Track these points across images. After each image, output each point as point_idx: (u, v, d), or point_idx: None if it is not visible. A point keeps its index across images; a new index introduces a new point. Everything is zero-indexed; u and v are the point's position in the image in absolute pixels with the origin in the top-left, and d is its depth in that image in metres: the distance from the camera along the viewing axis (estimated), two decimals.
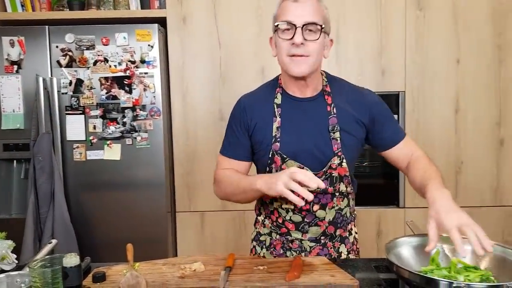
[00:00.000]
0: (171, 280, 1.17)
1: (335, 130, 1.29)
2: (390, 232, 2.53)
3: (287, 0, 1.24)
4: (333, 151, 1.30)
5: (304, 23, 1.20)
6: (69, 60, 2.39)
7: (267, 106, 1.34)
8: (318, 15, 1.22)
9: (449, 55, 2.49)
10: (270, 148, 1.31)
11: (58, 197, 2.36)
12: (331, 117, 1.30)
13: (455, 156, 2.53)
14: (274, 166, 1.31)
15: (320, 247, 1.39)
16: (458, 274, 1.14)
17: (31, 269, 1.04)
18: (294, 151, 1.30)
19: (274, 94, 1.35)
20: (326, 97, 1.32)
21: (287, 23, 1.22)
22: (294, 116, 1.31)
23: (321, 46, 1.24)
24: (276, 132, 1.30)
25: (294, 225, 1.36)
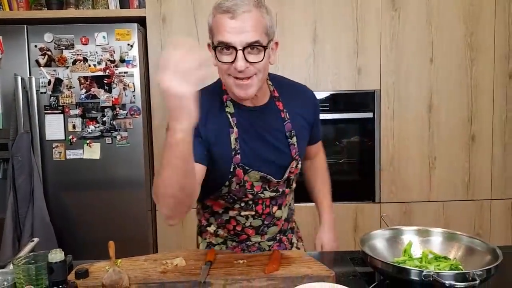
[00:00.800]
0: (153, 275, 1.19)
1: (291, 135, 1.28)
2: (366, 226, 2.60)
3: (222, 14, 1.07)
4: (291, 156, 1.29)
5: (245, 46, 1.07)
6: (48, 60, 2.37)
7: (220, 115, 1.22)
8: (259, 30, 1.08)
9: (423, 54, 2.58)
10: (230, 161, 1.22)
11: (37, 197, 2.35)
12: (286, 123, 1.28)
13: (428, 151, 2.62)
14: (235, 180, 1.24)
15: (278, 244, 1.41)
16: (429, 264, 1.19)
17: (15, 266, 1.05)
18: (255, 161, 1.24)
19: (223, 102, 1.23)
20: (276, 103, 1.28)
21: (226, 45, 1.07)
22: (251, 126, 1.24)
23: (266, 62, 1.13)
24: (235, 144, 1.21)
25: (254, 230, 1.34)
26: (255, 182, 1.27)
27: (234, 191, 1.27)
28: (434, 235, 1.32)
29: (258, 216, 1.32)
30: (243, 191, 1.27)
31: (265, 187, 1.29)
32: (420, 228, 1.34)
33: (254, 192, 1.28)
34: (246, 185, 1.26)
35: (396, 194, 2.63)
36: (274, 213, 1.35)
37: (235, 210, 1.31)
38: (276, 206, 1.35)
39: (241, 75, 1.10)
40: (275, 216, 1.36)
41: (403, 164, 2.62)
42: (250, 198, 1.29)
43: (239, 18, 1.06)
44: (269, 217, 1.34)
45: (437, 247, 1.30)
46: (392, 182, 2.62)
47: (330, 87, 2.57)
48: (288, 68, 2.55)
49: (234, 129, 1.22)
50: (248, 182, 1.26)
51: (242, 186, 1.26)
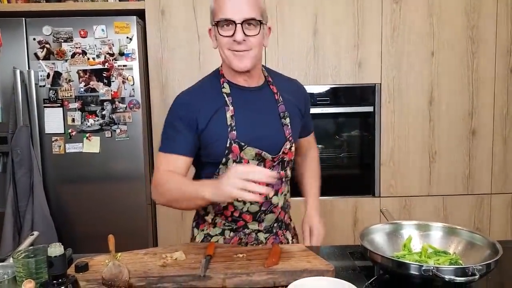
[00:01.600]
0: (153, 269, 1.19)
1: (285, 116, 1.36)
2: (366, 220, 2.61)
3: None
4: (285, 136, 1.36)
5: (243, 20, 1.21)
6: (47, 53, 2.36)
7: (215, 96, 1.31)
8: (255, 9, 1.23)
9: (424, 48, 2.56)
10: (226, 137, 1.27)
11: (37, 190, 2.35)
12: (280, 105, 1.36)
13: (429, 146, 2.62)
14: (231, 156, 1.28)
15: (274, 237, 1.43)
16: (428, 259, 1.19)
17: (15, 260, 1.06)
18: (250, 138, 1.29)
19: (220, 84, 1.33)
20: (271, 86, 1.38)
21: (226, 20, 1.22)
22: (246, 104, 1.32)
23: (261, 38, 1.26)
24: (231, 120, 1.28)
25: (252, 216, 1.37)
26: (251, 160, 1.31)
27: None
28: (434, 230, 1.32)
29: (255, 202, 1.32)
30: None
31: (260, 166, 1.32)
32: (420, 223, 1.34)
33: None
34: (242, 162, 1.30)
35: (396, 188, 2.63)
36: (270, 198, 1.36)
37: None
38: (272, 191, 1.34)
39: (239, 47, 1.23)
40: (272, 202, 1.38)
41: (403, 158, 2.61)
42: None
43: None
44: (266, 202, 1.36)
45: (437, 241, 1.30)
46: (392, 176, 2.62)
47: (330, 80, 2.56)
48: (288, 61, 2.54)
49: (230, 107, 1.30)
50: (244, 159, 1.30)
51: (239, 162, 1.29)
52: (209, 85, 1.34)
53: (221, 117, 1.29)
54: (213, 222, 1.41)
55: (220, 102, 1.30)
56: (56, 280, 0.93)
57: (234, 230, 1.39)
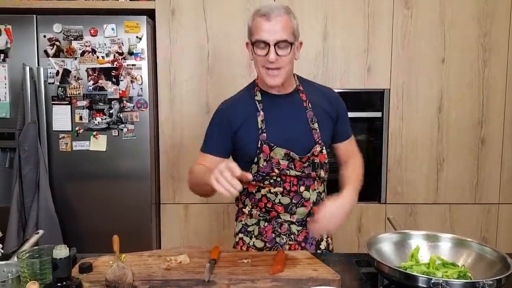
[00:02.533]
0: (157, 272, 1.19)
1: (313, 121, 1.45)
2: (371, 227, 2.59)
3: (260, 17, 1.35)
4: (314, 140, 1.44)
5: (276, 42, 1.33)
6: (57, 50, 2.36)
7: (249, 104, 1.46)
8: (288, 31, 1.35)
9: (435, 54, 2.54)
10: (257, 139, 1.41)
11: (43, 187, 2.35)
12: (308, 111, 1.46)
13: (437, 153, 2.59)
14: (262, 156, 1.41)
15: (307, 231, 1.47)
16: (436, 270, 1.18)
17: (20, 260, 1.05)
18: (280, 139, 1.42)
19: (254, 93, 1.48)
20: (300, 94, 1.48)
21: (261, 41, 1.34)
22: (275, 110, 1.45)
23: (292, 56, 1.38)
24: (262, 124, 1.42)
25: (283, 207, 1.45)
26: (281, 160, 1.42)
27: (262, 168, 1.42)
28: (442, 241, 1.31)
29: (286, 194, 1.44)
30: (270, 166, 1.42)
31: (291, 166, 1.43)
32: (428, 233, 1.33)
33: (279, 168, 1.43)
34: (273, 160, 1.42)
35: (402, 195, 2.61)
36: (301, 192, 1.45)
37: (266, 187, 1.45)
38: (303, 186, 1.45)
39: (272, 65, 1.36)
40: (302, 196, 1.45)
41: (410, 165, 2.59)
42: (277, 173, 1.42)
43: (273, 20, 1.33)
44: (297, 195, 1.45)
45: (445, 253, 1.28)
46: (399, 182, 2.60)
47: (339, 85, 2.54)
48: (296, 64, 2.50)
49: (261, 112, 1.44)
50: (274, 158, 1.42)
51: (269, 161, 1.42)
52: (244, 95, 1.51)
53: (253, 122, 1.43)
54: (249, 213, 1.51)
55: (253, 109, 1.45)
56: (61, 283, 0.92)
57: (268, 221, 1.48)
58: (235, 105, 1.49)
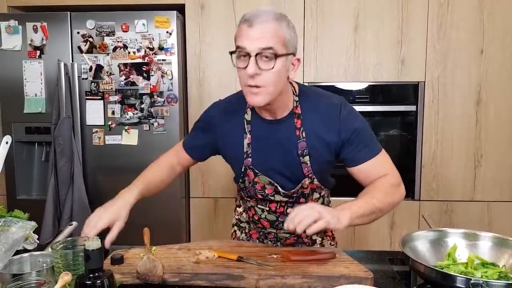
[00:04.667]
0: (187, 265, 1.19)
1: (304, 154, 1.27)
2: (404, 224, 2.52)
3: (243, 23, 1.14)
4: (304, 173, 1.30)
5: (258, 51, 1.11)
6: (90, 46, 2.41)
7: (237, 120, 1.33)
8: (274, 40, 1.12)
9: (473, 45, 2.42)
10: (242, 163, 1.33)
11: (77, 180, 2.41)
12: (300, 142, 1.27)
13: (474, 149, 2.48)
14: (247, 179, 1.35)
15: (295, 238, 1.43)
16: (475, 270, 1.13)
17: (54, 250, 1.07)
18: (265, 169, 1.31)
19: (245, 109, 1.33)
20: (295, 120, 1.27)
21: (242, 51, 1.14)
22: (263, 136, 1.30)
23: (279, 73, 1.15)
24: (247, 148, 1.31)
25: (269, 223, 1.40)
26: (266, 185, 1.33)
27: (248, 188, 1.37)
28: (482, 240, 1.25)
29: (272, 212, 1.38)
30: (254, 191, 1.36)
31: (277, 191, 1.33)
32: (467, 231, 1.27)
33: (264, 194, 1.35)
34: (257, 186, 1.34)
35: (437, 192, 2.52)
36: (288, 213, 1.29)
37: (254, 202, 1.41)
38: (291, 208, 1.34)
39: (251, 81, 1.15)
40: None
41: (446, 161, 2.50)
42: (260, 198, 1.36)
43: (256, 27, 1.11)
44: (283, 215, 1.36)
45: (485, 252, 1.22)
46: (434, 179, 2.51)
47: (371, 78, 2.47)
48: (326, 56, 2.48)
49: (248, 135, 1.31)
50: (259, 183, 1.33)
51: (252, 186, 1.34)
52: (236, 106, 1.35)
53: (239, 142, 1.32)
54: (241, 214, 1.53)
55: (241, 127, 1.32)
56: (93, 274, 0.93)
57: (256, 227, 1.46)
58: (225, 117, 1.36)
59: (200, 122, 1.45)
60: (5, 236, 1.16)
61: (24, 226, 1.24)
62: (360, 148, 1.27)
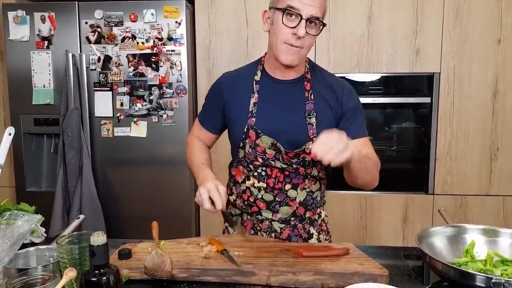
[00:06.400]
0: (196, 260, 1.17)
1: (311, 115, 1.30)
2: (417, 219, 2.47)
3: None
4: (308, 136, 1.30)
5: (310, 17, 1.20)
6: (98, 37, 2.38)
7: (247, 82, 1.35)
8: (322, 10, 1.23)
9: (490, 35, 2.35)
10: (245, 122, 1.32)
11: (86, 172, 2.40)
12: (308, 103, 1.31)
13: (491, 141, 2.41)
14: (248, 141, 1.33)
15: (290, 229, 1.39)
16: (494, 268, 1.09)
17: (59, 245, 1.05)
18: (269, 129, 1.30)
19: (255, 71, 1.36)
20: (305, 83, 1.33)
21: (294, 11, 1.20)
22: (272, 96, 1.32)
23: (314, 39, 1.27)
24: (253, 107, 1.32)
25: (266, 204, 1.36)
26: (267, 149, 1.31)
27: (248, 155, 1.34)
28: (502, 236, 1.21)
29: (270, 191, 1.34)
30: (254, 154, 1.33)
31: (278, 157, 1.31)
32: (486, 227, 1.22)
33: (265, 157, 1.32)
34: (258, 148, 1.31)
35: (451, 186, 2.46)
36: (286, 190, 1.34)
37: (250, 181, 1.36)
38: (289, 184, 1.34)
39: (297, 42, 1.21)
40: (287, 194, 1.35)
41: (461, 154, 2.43)
42: (261, 162, 1.32)
43: None
44: (281, 193, 1.34)
45: (505, 249, 1.18)
46: (448, 172, 2.45)
47: (385, 69, 2.41)
48: (339, 47, 2.42)
49: (255, 94, 1.33)
50: (260, 146, 1.31)
51: (254, 148, 1.32)
52: (246, 72, 1.39)
53: (246, 103, 1.33)
54: (234, 202, 1.45)
55: (249, 88, 1.34)
56: (98, 270, 0.90)
57: (249, 214, 1.41)
58: (233, 80, 1.39)
59: (208, 95, 1.46)
60: (11, 229, 1.14)
61: (30, 219, 1.22)
62: (355, 125, 1.32)
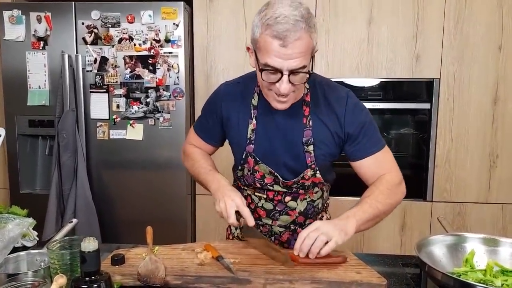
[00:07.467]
0: (190, 267, 1.14)
1: (309, 143, 1.25)
2: (415, 226, 2.44)
3: (273, 38, 1.04)
4: (307, 164, 1.26)
5: (292, 70, 1.07)
6: (94, 38, 2.36)
7: (244, 104, 1.30)
8: (307, 56, 1.08)
9: (491, 41, 2.33)
10: (244, 148, 1.29)
11: (80, 175, 2.37)
12: (306, 130, 1.25)
13: (490, 149, 2.40)
14: (247, 166, 1.31)
15: (290, 233, 1.38)
16: (494, 278, 1.07)
17: (50, 250, 1.02)
18: (267, 157, 1.27)
19: (253, 92, 1.29)
20: (304, 107, 1.26)
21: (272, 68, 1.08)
22: (269, 123, 1.27)
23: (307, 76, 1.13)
24: (251, 134, 1.28)
25: (265, 212, 1.35)
26: (266, 175, 1.30)
27: (246, 176, 1.33)
28: (502, 246, 1.19)
29: (269, 200, 1.34)
30: (253, 179, 1.32)
31: (277, 181, 1.30)
32: (486, 237, 1.21)
33: (263, 183, 1.31)
34: (256, 174, 1.30)
35: (450, 193, 2.44)
36: (286, 202, 1.33)
37: (251, 189, 1.36)
38: (289, 196, 1.32)
39: (282, 97, 1.14)
40: (287, 205, 1.34)
41: (461, 161, 2.41)
42: (259, 186, 1.32)
43: (290, 46, 1.04)
44: (281, 204, 1.34)
45: (505, 259, 1.16)
46: (447, 179, 2.43)
47: (384, 74, 2.39)
48: (339, 51, 2.40)
49: (253, 120, 1.28)
50: (258, 172, 1.30)
51: (252, 174, 1.31)
52: (244, 88, 1.31)
53: (243, 126, 1.29)
54: None
55: (247, 111, 1.29)
56: (89, 277, 0.88)
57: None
58: (230, 99, 1.31)
59: (207, 103, 1.40)
60: (1, 233, 1.11)
61: (21, 223, 1.19)
62: (364, 143, 1.26)
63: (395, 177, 1.27)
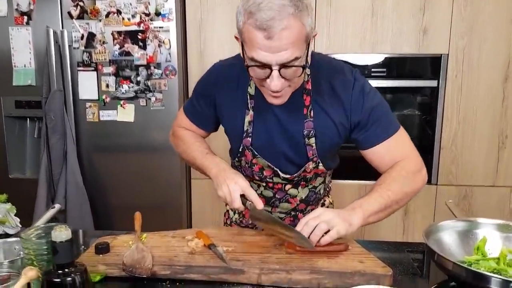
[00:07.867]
0: (180, 256, 1.06)
1: (310, 135, 1.15)
2: (418, 211, 2.36)
3: (256, 29, 0.92)
4: (308, 157, 1.18)
5: (282, 65, 0.95)
6: (81, 11, 2.23)
7: (240, 92, 1.18)
8: (299, 45, 0.95)
9: (503, 14, 2.20)
10: (240, 140, 1.21)
11: (70, 158, 2.28)
12: (307, 121, 1.14)
13: (499, 129, 2.29)
14: (244, 159, 1.23)
15: (291, 219, 1.32)
16: (508, 267, 0.99)
17: (23, 240, 0.93)
18: (265, 151, 1.19)
19: (249, 79, 1.16)
20: (304, 97, 1.14)
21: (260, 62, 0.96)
22: (268, 115, 1.16)
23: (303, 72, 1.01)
24: (248, 126, 1.18)
25: (265, 200, 1.27)
26: (265, 167, 1.22)
27: (243, 168, 1.26)
28: None
29: (269, 188, 1.27)
30: (251, 172, 1.25)
31: (276, 174, 1.23)
32: (501, 222, 1.12)
33: (262, 176, 1.24)
34: (254, 167, 1.23)
35: (456, 176, 2.34)
36: (286, 190, 1.27)
37: (249, 177, 1.27)
38: (290, 184, 1.26)
39: (274, 93, 1.03)
40: (288, 192, 1.27)
41: (468, 142, 2.31)
42: (258, 179, 1.26)
43: (276, 37, 0.91)
44: (281, 192, 1.27)
45: None
46: (453, 162, 2.33)
47: (389, 49, 2.27)
48: (341, 25, 2.27)
49: (250, 111, 1.18)
50: (257, 165, 1.23)
51: (250, 167, 1.24)
52: (240, 73, 1.16)
53: (240, 117, 1.19)
54: None
55: (243, 101, 1.18)
56: (62, 270, 0.79)
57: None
58: (224, 84, 1.20)
59: (200, 85, 1.29)
60: None
61: None
62: (373, 129, 1.15)
63: (413, 163, 1.16)
